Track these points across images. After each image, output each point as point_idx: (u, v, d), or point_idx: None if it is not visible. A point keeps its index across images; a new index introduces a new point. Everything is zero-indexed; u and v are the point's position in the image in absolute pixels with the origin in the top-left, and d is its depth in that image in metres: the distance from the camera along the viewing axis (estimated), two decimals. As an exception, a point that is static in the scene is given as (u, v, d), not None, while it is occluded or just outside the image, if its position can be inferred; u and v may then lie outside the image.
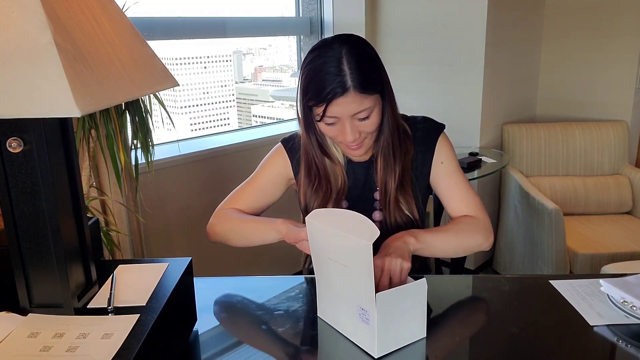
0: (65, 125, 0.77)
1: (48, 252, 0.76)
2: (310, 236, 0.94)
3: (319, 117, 1.06)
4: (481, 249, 1.17)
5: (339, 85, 1.01)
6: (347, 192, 1.21)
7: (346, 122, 1.06)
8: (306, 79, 1.05)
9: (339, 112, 1.04)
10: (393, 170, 1.16)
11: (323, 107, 1.03)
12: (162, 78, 0.81)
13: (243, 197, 1.26)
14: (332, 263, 0.90)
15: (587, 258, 2.30)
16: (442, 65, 2.80)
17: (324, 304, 0.98)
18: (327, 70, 1.02)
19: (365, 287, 0.83)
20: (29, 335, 0.73)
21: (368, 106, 1.05)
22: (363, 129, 1.08)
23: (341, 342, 0.92)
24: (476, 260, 2.94)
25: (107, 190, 1.94)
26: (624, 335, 0.90)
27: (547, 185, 2.73)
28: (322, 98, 1.02)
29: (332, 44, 1.05)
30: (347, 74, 1.01)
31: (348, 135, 1.06)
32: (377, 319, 0.84)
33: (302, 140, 1.18)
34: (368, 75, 1.04)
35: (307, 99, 1.06)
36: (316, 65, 1.04)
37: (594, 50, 2.88)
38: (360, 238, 0.81)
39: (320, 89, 1.02)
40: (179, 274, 0.90)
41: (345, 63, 1.02)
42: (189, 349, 0.94)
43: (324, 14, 3.09)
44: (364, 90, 1.03)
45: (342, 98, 1.02)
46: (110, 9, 0.76)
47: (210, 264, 2.50)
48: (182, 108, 2.70)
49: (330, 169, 1.19)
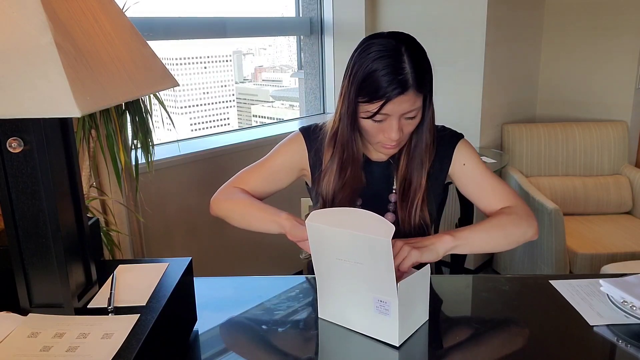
0: (65, 125, 0.77)
1: (48, 252, 0.76)
2: (311, 238, 0.93)
3: (368, 114, 1.04)
4: (528, 238, 1.12)
5: (400, 84, 1.00)
6: (361, 191, 1.20)
7: (394, 121, 1.05)
8: (361, 75, 1.02)
9: (393, 110, 1.03)
10: (420, 175, 1.15)
11: (379, 105, 1.01)
12: (162, 78, 0.82)
13: (252, 178, 1.23)
14: (340, 263, 0.90)
15: (587, 258, 2.30)
16: (442, 65, 2.80)
17: (328, 304, 0.98)
18: (387, 68, 1.00)
19: (386, 279, 0.85)
20: (29, 335, 0.73)
21: (418, 106, 1.05)
22: (407, 128, 1.08)
23: (342, 342, 0.92)
24: (476, 260, 2.94)
25: (107, 190, 1.94)
26: (624, 335, 0.90)
27: (547, 185, 2.73)
28: (380, 95, 1.00)
29: (388, 40, 1.03)
30: (408, 73, 1.00)
31: (394, 134, 1.05)
32: (399, 307, 0.86)
33: (341, 136, 1.14)
34: (425, 75, 1.04)
35: (360, 95, 1.03)
36: (373, 61, 1.01)
37: (594, 50, 2.88)
38: (378, 236, 0.82)
39: (378, 87, 1.00)
40: (179, 274, 0.90)
41: (406, 62, 1.01)
42: (189, 349, 0.94)
43: (324, 14, 3.09)
44: (420, 90, 1.03)
45: (401, 97, 1.01)
46: (110, 9, 0.76)
47: (210, 264, 2.50)
48: (182, 108, 2.70)
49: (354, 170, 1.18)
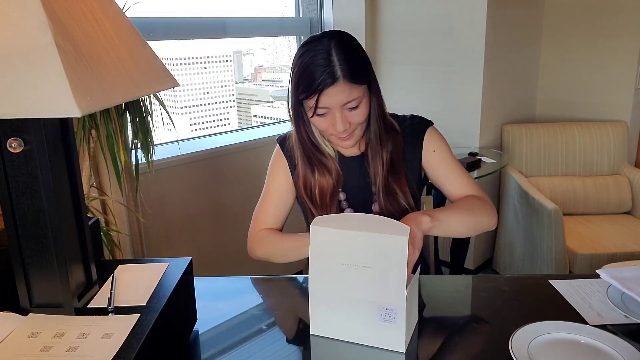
0: (66, 125, 0.77)
1: (48, 252, 0.76)
2: (313, 245, 0.90)
3: (311, 110, 1.10)
4: (491, 226, 1.18)
5: (329, 75, 1.06)
6: (343, 183, 1.24)
7: (336, 112, 1.10)
8: (297, 74, 1.10)
9: (329, 102, 1.08)
10: (382, 160, 1.19)
11: (315, 98, 1.07)
12: (162, 78, 0.82)
13: (266, 216, 1.28)
14: (345, 268, 0.88)
15: (586, 258, 2.30)
16: (442, 65, 2.80)
17: (322, 318, 0.93)
18: (317, 62, 1.06)
19: (395, 283, 0.85)
20: (29, 335, 0.73)
21: (357, 96, 1.10)
22: (352, 119, 1.12)
23: (336, 346, 0.92)
24: (476, 260, 2.94)
25: (107, 190, 1.94)
26: (623, 335, 0.90)
27: (547, 186, 2.73)
28: (313, 89, 1.07)
29: (321, 39, 1.10)
30: (336, 65, 1.06)
31: (339, 125, 1.10)
32: (406, 314, 0.86)
33: (295, 136, 1.22)
34: (356, 65, 1.09)
35: (299, 92, 1.10)
36: (306, 59, 1.08)
37: (594, 50, 2.88)
38: (395, 234, 0.82)
39: (311, 80, 1.07)
40: (179, 274, 0.91)
41: (335, 55, 1.07)
42: (189, 349, 0.94)
43: (324, 14, 3.09)
44: (353, 79, 1.08)
45: (332, 88, 1.06)
46: (110, 9, 0.76)
47: (210, 264, 2.50)
48: (182, 108, 2.70)
49: (324, 162, 1.22)
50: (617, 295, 1.01)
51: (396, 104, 2.99)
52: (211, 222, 2.54)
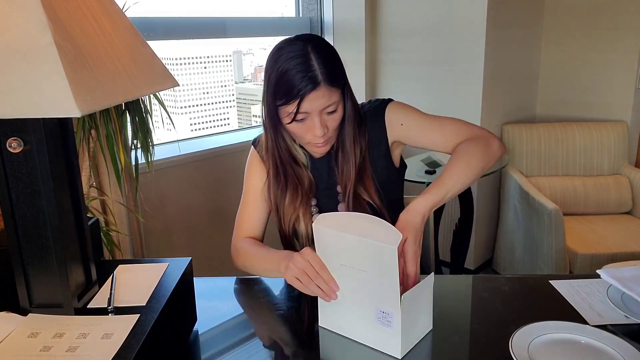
0: (65, 125, 0.77)
1: (48, 252, 0.76)
2: (317, 242, 0.92)
3: (289, 116, 1.07)
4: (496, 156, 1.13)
5: (310, 80, 1.04)
6: (314, 190, 1.23)
7: (315, 118, 1.08)
8: (274, 80, 1.07)
9: (310, 107, 1.06)
10: (354, 163, 1.17)
11: (295, 104, 1.05)
12: (162, 78, 0.82)
13: (245, 222, 1.27)
14: (344, 269, 0.89)
15: (587, 258, 2.30)
16: (442, 65, 2.80)
17: (328, 312, 0.95)
18: (296, 67, 1.04)
19: (389, 289, 0.83)
20: (29, 335, 0.73)
21: (335, 100, 1.09)
22: (330, 124, 1.11)
23: (343, 348, 0.92)
24: (476, 260, 2.94)
25: (107, 190, 1.94)
26: (624, 335, 0.90)
27: (547, 186, 2.73)
28: (294, 95, 1.04)
29: (295, 42, 1.08)
30: (316, 69, 1.04)
31: (317, 130, 1.09)
32: (402, 320, 0.84)
33: (269, 144, 1.19)
34: (334, 69, 1.08)
35: (277, 98, 1.07)
36: (283, 64, 1.05)
37: (594, 50, 2.88)
38: (384, 242, 0.80)
39: (291, 86, 1.04)
40: (179, 274, 0.90)
41: (314, 59, 1.05)
42: (189, 349, 0.94)
43: (324, 14, 3.09)
44: (332, 83, 1.06)
45: (314, 92, 1.04)
46: (110, 9, 0.76)
47: (210, 264, 2.50)
48: (182, 108, 2.70)
49: (296, 173, 1.20)
50: (617, 295, 1.01)
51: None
52: (211, 222, 2.54)
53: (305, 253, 0.96)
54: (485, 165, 1.11)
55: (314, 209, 1.23)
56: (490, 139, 1.15)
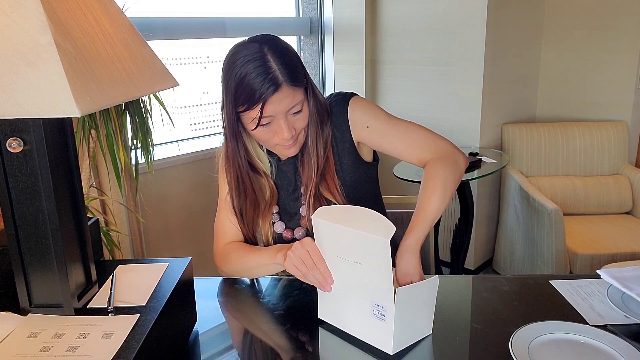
0: (65, 125, 0.77)
1: (48, 252, 0.76)
2: (316, 235, 0.93)
3: (254, 122, 1.03)
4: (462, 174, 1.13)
5: (271, 82, 1.00)
6: (277, 198, 1.20)
7: (281, 120, 1.05)
8: (233, 86, 1.03)
9: (274, 110, 1.02)
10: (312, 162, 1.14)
11: (258, 108, 1.01)
12: (162, 78, 0.82)
13: (225, 228, 1.23)
14: (341, 261, 0.90)
15: (587, 258, 2.30)
16: (442, 65, 2.80)
17: (327, 305, 0.97)
18: (255, 71, 1.00)
19: (383, 282, 0.84)
20: (29, 335, 0.73)
21: (300, 99, 1.05)
22: (297, 124, 1.08)
23: (342, 342, 0.92)
24: (476, 260, 2.94)
25: (107, 190, 1.94)
26: (624, 335, 0.90)
27: (547, 186, 2.73)
28: (256, 99, 1.00)
29: (251, 45, 1.03)
30: (276, 70, 1.01)
31: (285, 132, 1.05)
32: (395, 315, 0.85)
33: (229, 153, 1.15)
34: (294, 68, 1.04)
35: (238, 104, 1.03)
36: (240, 69, 1.01)
37: (594, 50, 2.88)
38: (376, 235, 0.81)
39: (252, 90, 1.00)
40: (179, 274, 0.90)
41: (272, 60, 1.01)
42: (189, 349, 0.94)
43: (324, 14, 3.09)
44: (294, 83, 1.03)
45: (277, 94, 1.01)
46: (110, 9, 0.76)
47: (210, 264, 2.49)
48: (182, 108, 2.70)
49: (257, 184, 1.17)
50: (617, 295, 1.01)
51: (396, 103, 3.00)
52: (211, 222, 2.53)
53: (305, 243, 0.96)
54: (457, 185, 1.11)
55: (275, 216, 1.20)
56: (456, 155, 1.13)
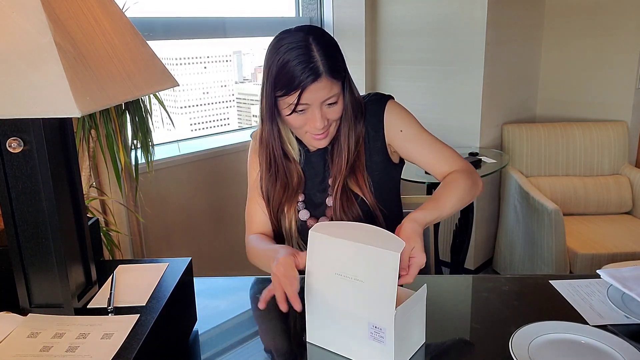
0: (65, 125, 0.77)
1: (48, 252, 0.76)
2: (310, 250, 0.88)
3: (289, 107, 1.07)
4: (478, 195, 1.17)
5: (312, 71, 1.03)
6: (303, 186, 1.23)
7: (316, 109, 1.07)
8: (275, 70, 1.06)
9: (311, 98, 1.06)
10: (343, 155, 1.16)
11: (296, 95, 1.04)
12: (162, 78, 0.82)
13: (253, 218, 1.26)
14: (338, 279, 0.85)
15: (587, 258, 2.30)
16: (442, 65, 2.80)
17: (317, 326, 0.91)
18: (298, 58, 1.03)
19: (385, 301, 0.80)
20: (29, 335, 0.73)
21: (336, 92, 1.08)
22: (330, 116, 1.11)
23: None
24: (476, 260, 2.94)
25: (107, 190, 1.94)
26: (624, 335, 0.90)
27: (547, 186, 2.73)
28: (295, 86, 1.04)
29: (296, 33, 1.07)
30: (318, 60, 1.04)
31: (317, 122, 1.08)
32: (395, 335, 0.81)
33: (264, 135, 1.19)
34: (336, 61, 1.07)
35: (277, 89, 1.06)
36: (284, 55, 1.04)
37: (594, 50, 2.88)
38: (387, 249, 0.78)
39: (292, 77, 1.03)
40: (179, 274, 0.90)
41: (315, 50, 1.04)
42: (189, 349, 0.94)
43: (324, 14, 3.09)
44: (334, 75, 1.06)
45: (315, 84, 1.04)
46: (111, 9, 0.76)
47: (210, 264, 2.50)
48: (182, 108, 2.70)
49: (287, 167, 1.20)
50: (617, 295, 1.01)
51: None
52: (211, 222, 2.54)
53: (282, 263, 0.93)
54: (469, 201, 1.14)
55: (300, 204, 1.23)
56: (477, 177, 1.16)
